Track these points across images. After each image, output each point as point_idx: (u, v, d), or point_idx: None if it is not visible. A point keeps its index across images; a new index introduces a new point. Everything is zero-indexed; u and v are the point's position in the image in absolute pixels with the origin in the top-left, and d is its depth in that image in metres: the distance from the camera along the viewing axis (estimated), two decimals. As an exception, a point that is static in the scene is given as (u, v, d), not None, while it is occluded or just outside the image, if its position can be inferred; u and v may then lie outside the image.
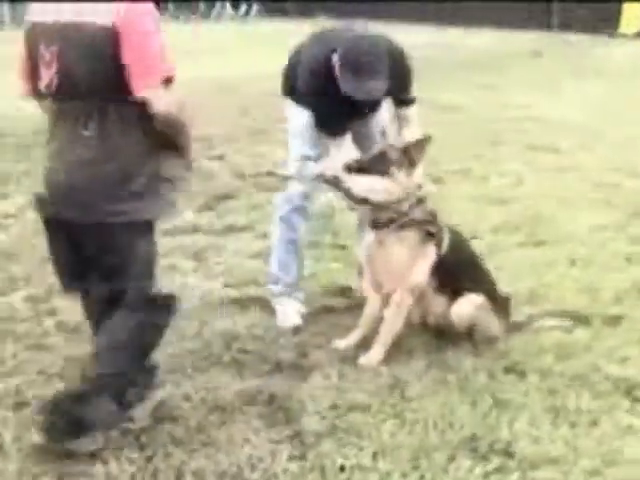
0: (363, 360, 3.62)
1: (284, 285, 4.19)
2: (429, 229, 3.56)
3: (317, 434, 3.04)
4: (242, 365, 3.63)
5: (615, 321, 4.01)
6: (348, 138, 3.75)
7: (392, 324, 3.64)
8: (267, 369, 3.60)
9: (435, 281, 3.62)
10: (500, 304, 3.82)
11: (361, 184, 3.45)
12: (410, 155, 3.51)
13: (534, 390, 3.37)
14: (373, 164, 3.48)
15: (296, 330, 3.96)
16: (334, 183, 3.48)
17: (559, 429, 3.07)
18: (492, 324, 3.78)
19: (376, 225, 3.57)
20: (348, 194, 3.49)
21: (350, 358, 3.65)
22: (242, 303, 4.23)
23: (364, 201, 3.51)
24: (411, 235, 3.53)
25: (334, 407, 3.24)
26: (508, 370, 3.54)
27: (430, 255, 3.57)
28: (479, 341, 3.75)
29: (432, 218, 3.61)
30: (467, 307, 3.67)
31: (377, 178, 3.47)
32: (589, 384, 3.38)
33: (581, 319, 4.04)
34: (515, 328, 3.95)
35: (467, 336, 3.75)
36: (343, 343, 3.79)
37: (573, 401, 3.25)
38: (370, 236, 3.61)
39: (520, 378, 3.48)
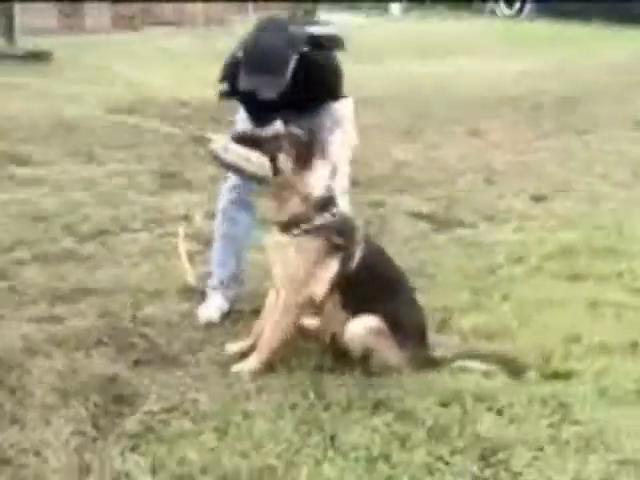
0: (237, 366, 3.47)
1: (217, 280, 4.11)
2: (334, 240, 3.35)
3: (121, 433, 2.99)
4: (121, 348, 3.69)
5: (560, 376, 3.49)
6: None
7: (273, 331, 3.44)
8: (133, 356, 3.63)
9: (340, 297, 3.40)
10: (409, 332, 3.48)
11: (237, 151, 3.34)
12: (304, 152, 3.38)
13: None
14: (260, 140, 3.38)
15: (208, 325, 3.92)
16: (214, 155, 3.40)
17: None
18: (389, 353, 3.43)
19: (279, 226, 3.41)
20: (222, 160, 3.40)
21: (226, 363, 3.57)
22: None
23: (237, 170, 3.41)
24: (312, 244, 3.35)
25: (156, 408, 3.19)
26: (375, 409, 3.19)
27: (331, 268, 3.36)
28: (372, 370, 3.42)
29: (345, 229, 3.42)
30: (359, 329, 3.37)
31: (256, 152, 3.33)
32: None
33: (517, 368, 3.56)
34: (430, 363, 3.54)
35: (361, 361, 3.44)
36: (235, 347, 3.68)
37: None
38: (272, 236, 3.46)
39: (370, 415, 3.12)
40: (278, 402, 3.20)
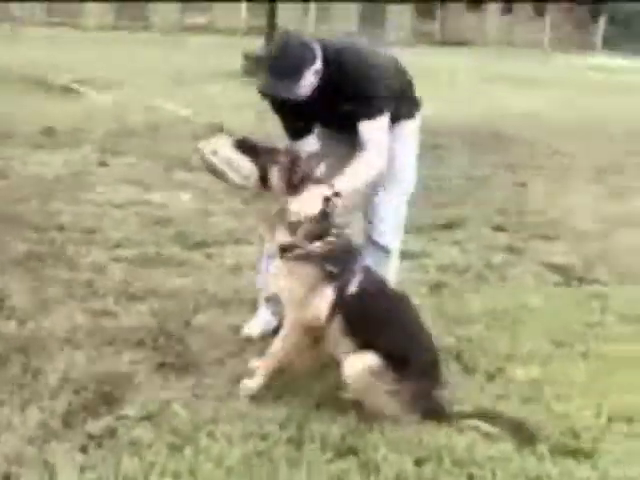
0: (244, 382, 3.50)
1: (264, 296, 4.11)
2: (327, 268, 3.28)
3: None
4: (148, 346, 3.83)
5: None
6: (308, 143, 3.78)
7: (276, 349, 3.43)
8: (160, 359, 3.73)
9: (342, 324, 3.29)
10: (412, 373, 3.25)
11: (226, 156, 3.32)
12: (298, 174, 3.34)
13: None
14: (257, 149, 3.35)
15: (248, 340, 3.96)
16: (200, 156, 3.38)
17: None
18: (384, 398, 3.24)
19: (279, 251, 3.39)
20: (206, 162, 3.37)
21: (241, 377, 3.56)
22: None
23: (220, 176, 3.37)
24: (303, 270, 3.30)
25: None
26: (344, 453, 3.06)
27: (325, 295, 3.28)
28: (365, 413, 3.26)
29: (340, 257, 3.32)
30: (356, 367, 3.21)
31: (248, 162, 3.32)
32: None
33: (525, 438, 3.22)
34: (433, 414, 3.32)
35: (352, 402, 3.28)
36: (257, 363, 3.63)
37: None
38: (275, 262, 3.45)
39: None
40: (245, 430, 3.17)
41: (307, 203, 3.29)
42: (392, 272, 4.08)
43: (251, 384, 3.45)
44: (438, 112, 11.30)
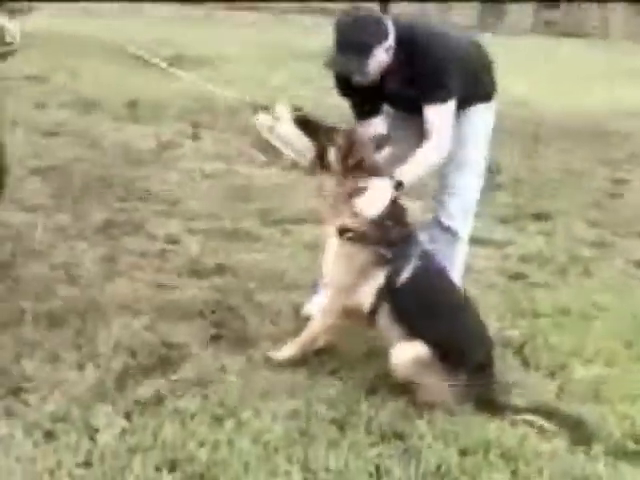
0: (272, 352, 3.50)
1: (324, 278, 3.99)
2: (380, 252, 3.25)
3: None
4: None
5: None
6: (375, 124, 3.69)
7: (311, 327, 3.44)
8: (214, 331, 3.77)
9: (392, 311, 3.25)
10: (464, 364, 3.20)
11: (283, 133, 3.33)
12: (357, 157, 3.30)
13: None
14: (317, 127, 3.34)
15: (307, 319, 3.78)
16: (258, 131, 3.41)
17: None
18: (435, 387, 3.19)
19: (338, 232, 3.36)
20: (263, 137, 3.40)
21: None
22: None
23: (275, 151, 3.39)
24: (358, 253, 3.28)
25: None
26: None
27: (376, 280, 3.25)
28: (416, 401, 3.20)
29: (396, 241, 3.29)
30: (403, 357, 3.18)
31: (306, 140, 3.32)
32: None
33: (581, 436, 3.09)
34: (487, 406, 3.23)
35: (404, 388, 3.22)
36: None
37: None
38: (330, 241, 3.40)
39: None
40: (292, 407, 3.14)
41: (373, 201, 3.26)
42: (459, 258, 3.99)
43: (278, 353, 3.44)
44: (544, 102, 11.13)
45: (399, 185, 3.34)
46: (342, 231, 3.29)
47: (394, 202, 3.32)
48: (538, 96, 11.59)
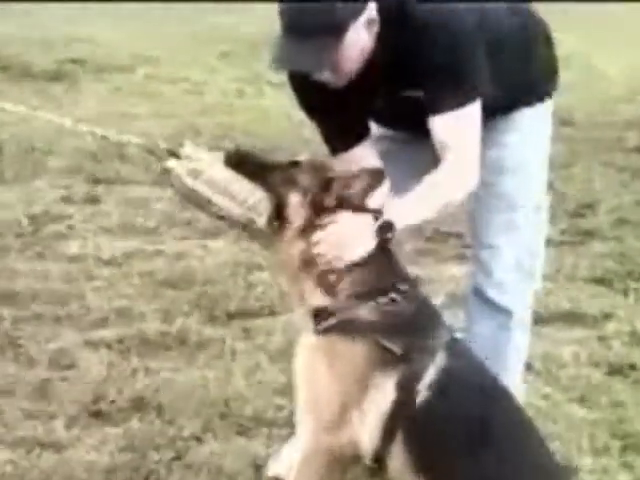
0: None
1: None
2: (387, 346, 2.70)
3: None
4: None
5: None
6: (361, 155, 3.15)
7: None
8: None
9: (408, 449, 2.70)
10: None
11: (215, 178, 2.84)
12: (323, 195, 2.81)
13: None
14: (266, 166, 2.87)
15: None
16: (174, 180, 2.90)
17: None
18: None
19: (311, 319, 2.85)
20: (183, 188, 2.88)
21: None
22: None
23: (206, 208, 2.90)
24: (349, 350, 2.74)
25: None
26: None
27: (384, 394, 2.68)
28: None
29: (409, 325, 2.77)
30: None
31: (251, 187, 2.81)
32: None
33: None
34: None
35: None
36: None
37: None
38: (302, 337, 2.94)
39: None
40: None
41: (344, 239, 2.78)
42: (517, 351, 3.52)
43: None
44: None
45: (386, 227, 2.82)
46: (317, 315, 2.80)
47: (392, 260, 2.86)
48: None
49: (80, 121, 4.46)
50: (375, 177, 2.94)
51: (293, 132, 7.71)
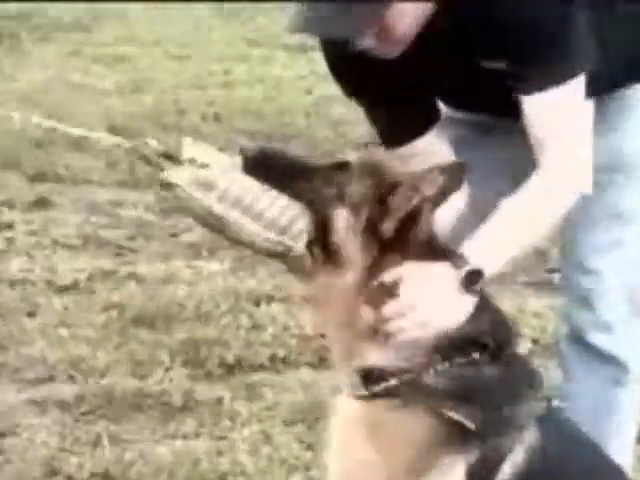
0: None
1: None
2: (457, 419, 2.72)
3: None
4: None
5: None
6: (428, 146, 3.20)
7: None
8: None
9: None
10: None
11: (238, 190, 2.85)
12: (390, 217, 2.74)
13: None
14: (301, 174, 2.87)
15: None
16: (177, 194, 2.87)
17: None
18: None
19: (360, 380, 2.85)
20: (190, 204, 2.89)
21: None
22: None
23: (218, 229, 2.93)
24: (398, 425, 2.78)
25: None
26: None
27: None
28: None
29: (489, 389, 2.83)
30: None
31: (285, 198, 2.83)
32: None
33: None
34: None
35: None
36: None
37: None
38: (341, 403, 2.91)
39: None
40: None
41: (426, 303, 2.78)
42: (634, 417, 3.48)
43: None
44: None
45: (475, 277, 2.78)
46: (366, 377, 2.79)
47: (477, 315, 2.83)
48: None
49: (21, 97, 4.43)
50: (453, 175, 2.84)
51: (315, 111, 7.58)
